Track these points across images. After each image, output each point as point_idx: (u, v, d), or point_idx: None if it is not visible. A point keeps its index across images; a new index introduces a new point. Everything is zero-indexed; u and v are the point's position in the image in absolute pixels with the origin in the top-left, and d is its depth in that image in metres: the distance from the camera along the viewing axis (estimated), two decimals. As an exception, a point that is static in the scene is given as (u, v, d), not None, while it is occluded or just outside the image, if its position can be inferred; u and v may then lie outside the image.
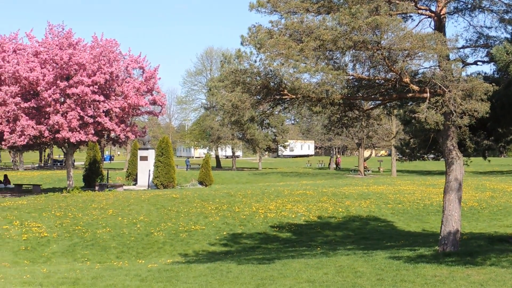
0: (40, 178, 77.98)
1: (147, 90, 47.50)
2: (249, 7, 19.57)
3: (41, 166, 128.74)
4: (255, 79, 19.52)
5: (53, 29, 46.05)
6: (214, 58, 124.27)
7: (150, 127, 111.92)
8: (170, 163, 49.84)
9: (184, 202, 37.67)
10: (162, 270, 20.25)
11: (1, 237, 31.16)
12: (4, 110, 43.99)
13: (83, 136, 44.00)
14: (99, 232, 31.58)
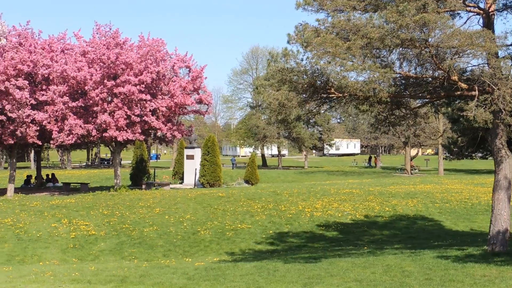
0: (88, 176, 78.68)
1: (194, 89, 47.59)
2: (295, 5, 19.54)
3: (89, 164, 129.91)
4: (301, 78, 19.48)
5: (100, 29, 46.37)
6: (260, 57, 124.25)
7: (196, 126, 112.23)
8: (216, 162, 49.94)
9: (230, 200, 37.74)
10: (209, 268, 20.29)
11: (50, 235, 31.50)
12: (52, 109, 44.43)
13: (130, 135, 44.25)
14: (146, 231, 31.77)
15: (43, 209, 37.60)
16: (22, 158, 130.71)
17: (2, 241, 30.74)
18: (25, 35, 47.77)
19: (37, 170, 61.66)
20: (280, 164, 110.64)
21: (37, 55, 45.23)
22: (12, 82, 43.29)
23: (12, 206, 39.86)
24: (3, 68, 43.09)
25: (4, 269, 23.96)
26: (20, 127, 44.38)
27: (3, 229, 32.69)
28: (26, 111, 43.96)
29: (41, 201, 41.85)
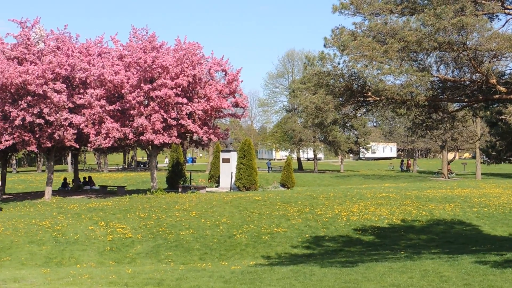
0: (124, 179, 79.12)
1: (230, 92, 47.63)
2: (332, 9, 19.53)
3: (125, 168, 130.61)
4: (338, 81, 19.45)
5: (137, 32, 46.60)
6: (296, 60, 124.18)
7: (232, 130, 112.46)
8: (252, 165, 49.92)
9: (266, 204, 37.72)
10: (245, 272, 20.27)
11: (87, 238, 31.71)
12: (90, 112, 44.73)
13: (167, 138, 44.39)
14: (183, 234, 31.84)
15: (81, 211, 37.91)
16: (59, 161, 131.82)
17: (40, 243, 31.01)
18: (63, 39, 48.15)
19: (74, 173, 62.11)
20: (316, 167, 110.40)
21: (75, 58, 45.55)
22: (50, 85, 43.69)
23: (50, 209, 40.25)
24: (41, 71, 43.49)
25: (42, 271, 24.16)
26: (58, 130, 44.75)
27: (41, 231, 32.99)
28: (63, 114, 44.32)
29: (79, 203, 42.19)
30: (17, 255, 29.46)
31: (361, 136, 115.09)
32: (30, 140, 45.33)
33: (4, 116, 44.87)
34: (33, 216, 37.59)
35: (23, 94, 44.23)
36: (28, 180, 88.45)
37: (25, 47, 46.54)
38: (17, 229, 33.84)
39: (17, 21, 47.64)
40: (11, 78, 42.92)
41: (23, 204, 45.88)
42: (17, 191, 67.43)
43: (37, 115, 44.04)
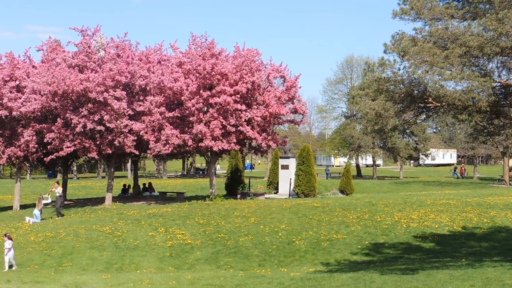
0: (183, 186, 79.52)
1: (288, 99, 47.51)
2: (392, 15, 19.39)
3: (184, 174, 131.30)
4: (398, 87, 19.30)
5: (196, 40, 46.77)
6: (355, 66, 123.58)
7: (291, 136, 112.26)
8: (311, 172, 49.74)
9: (325, 211, 37.56)
10: (304, 278, 20.22)
11: (147, 244, 31.94)
12: (149, 119, 45.07)
13: (226, 145, 44.46)
14: (242, 240, 31.88)
15: (140, 217, 38.21)
16: (119, 168, 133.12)
17: (101, 249, 31.34)
18: (122, 47, 48.65)
19: (134, 179, 62.62)
20: (375, 174, 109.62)
21: (135, 66, 45.96)
22: (110, 93, 44.15)
23: (110, 215, 40.66)
24: (102, 79, 43.98)
25: (103, 277, 24.42)
26: (118, 137, 45.19)
27: (102, 237, 33.33)
28: (124, 121, 44.74)
29: (138, 210, 42.55)
30: (78, 260, 29.82)
31: (420, 142, 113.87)
32: (91, 147, 45.85)
33: (65, 123, 45.44)
34: (94, 222, 38.02)
35: (84, 101, 44.77)
36: (89, 186, 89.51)
37: (86, 55, 47.14)
38: (78, 234, 34.26)
39: (78, 29, 48.31)
40: (72, 85, 43.49)
41: (84, 210, 46.45)
42: (78, 197, 68.25)
43: (97, 122, 44.53)
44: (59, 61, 47.14)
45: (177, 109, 45.11)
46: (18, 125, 50.14)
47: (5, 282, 23.68)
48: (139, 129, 44.99)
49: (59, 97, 45.24)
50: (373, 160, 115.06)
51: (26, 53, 54.12)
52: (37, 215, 42.69)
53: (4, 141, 49.31)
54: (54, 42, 53.97)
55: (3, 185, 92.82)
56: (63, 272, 27.88)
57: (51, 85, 44.51)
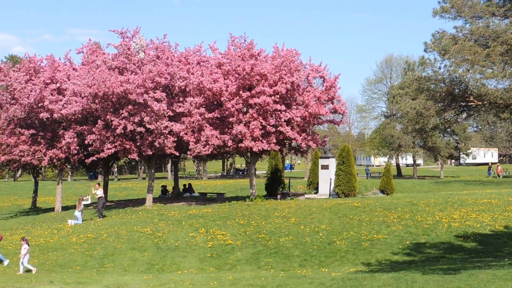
0: (223, 186, 79.70)
1: (328, 99, 47.33)
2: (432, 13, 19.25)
3: (224, 175, 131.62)
4: (439, 86, 19.17)
5: (235, 40, 46.77)
6: (394, 65, 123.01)
7: (330, 136, 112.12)
8: (351, 172, 49.50)
9: (366, 210, 37.39)
10: (346, 279, 20.15)
11: (188, 244, 32.07)
12: (189, 120, 45.21)
13: (265, 145, 44.42)
14: (282, 240, 31.86)
15: (181, 218, 38.38)
16: (159, 169, 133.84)
17: (142, 249, 31.53)
18: (162, 49, 48.92)
19: (175, 180, 62.88)
20: (415, 173, 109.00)
21: (174, 67, 46.17)
22: (150, 94, 44.39)
23: (151, 216, 40.87)
24: (142, 81, 44.22)
25: (144, 277, 24.56)
26: (158, 138, 45.41)
27: (143, 238, 33.54)
28: (164, 122, 44.96)
29: (179, 210, 42.71)
30: (120, 261, 30.04)
31: (461, 141, 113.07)
32: (131, 148, 46.14)
33: (106, 125, 45.79)
34: (134, 223, 38.28)
35: (124, 103, 45.07)
36: (129, 187, 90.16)
37: (125, 57, 47.45)
38: (120, 235, 34.52)
39: (117, 31, 48.65)
40: (112, 87, 43.80)
41: (125, 211, 46.75)
42: (118, 198, 68.78)
43: (138, 123, 44.80)
44: (99, 63, 47.53)
45: (216, 110, 45.18)
46: (59, 127, 50.75)
47: (48, 283, 23.91)
48: (179, 130, 45.16)
49: (100, 99, 45.60)
50: (414, 159, 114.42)
51: (67, 56, 54.80)
52: (78, 217, 43.10)
53: (46, 143, 49.89)
54: (94, 45, 54.42)
55: (45, 187, 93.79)
56: (105, 273, 28.10)
57: (91, 87, 44.89)
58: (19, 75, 49.88)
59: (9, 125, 50.65)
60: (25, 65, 51.56)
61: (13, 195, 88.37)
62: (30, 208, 67.65)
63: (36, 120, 50.65)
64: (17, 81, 49.37)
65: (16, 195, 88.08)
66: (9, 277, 26.76)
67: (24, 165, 55.66)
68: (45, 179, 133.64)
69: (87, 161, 48.74)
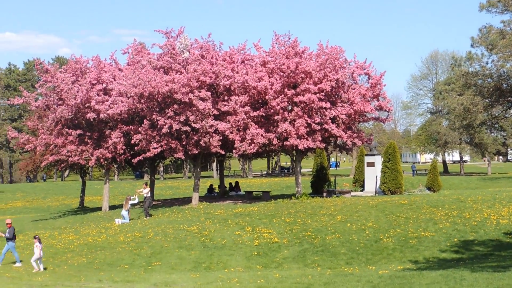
0: (269, 185, 79.77)
1: (373, 96, 47.02)
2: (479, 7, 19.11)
3: (269, 173, 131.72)
4: (487, 81, 19.03)
5: (279, 38, 46.69)
6: (440, 61, 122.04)
7: (376, 133, 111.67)
8: (397, 169, 49.18)
9: (412, 208, 37.10)
10: (393, 276, 20.04)
11: (234, 243, 32.14)
12: (234, 119, 45.27)
13: (311, 143, 44.32)
14: (328, 238, 31.77)
15: (227, 217, 38.46)
16: (205, 168, 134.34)
17: (189, 248, 31.67)
18: (206, 48, 49.03)
19: (220, 179, 63.06)
20: (462, 170, 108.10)
21: (219, 66, 46.25)
22: (195, 93, 44.52)
23: (197, 215, 41.04)
24: (187, 80, 44.38)
25: (192, 276, 24.67)
26: (204, 137, 45.53)
27: (190, 236, 33.68)
28: (209, 121, 45.07)
29: (225, 209, 42.80)
30: (167, 259, 30.21)
31: (509, 137, 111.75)
32: (177, 148, 46.33)
33: (152, 125, 46.05)
34: (181, 222, 38.44)
35: (170, 102, 45.28)
36: (175, 186, 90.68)
37: (170, 57, 47.66)
38: (167, 234, 34.70)
39: (162, 31, 48.89)
40: (158, 87, 44.03)
41: (172, 210, 46.96)
42: (165, 197, 69.24)
43: (183, 122, 44.95)
44: (144, 63, 47.80)
45: (261, 108, 45.20)
46: (105, 127, 51.20)
47: (96, 281, 24.14)
48: (224, 129, 45.26)
49: (145, 98, 45.88)
50: (460, 156, 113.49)
51: (112, 56, 55.27)
52: (125, 216, 43.42)
53: (92, 143, 50.35)
54: (139, 45, 54.75)
55: (92, 186, 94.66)
56: (153, 271, 28.27)
57: (137, 87, 45.17)
58: (65, 76, 50.45)
59: (57, 125, 51.22)
60: (72, 66, 52.10)
61: (61, 195, 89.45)
62: (78, 207, 68.46)
63: (83, 121, 51.17)
64: (64, 82, 49.93)
65: (64, 195, 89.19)
66: (58, 276, 27.06)
67: (71, 165, 56.23)
68: (92, 179, 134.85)
69: (134, 160, 49.09)
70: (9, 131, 54.27)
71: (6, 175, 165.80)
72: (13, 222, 55.09)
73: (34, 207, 79.04)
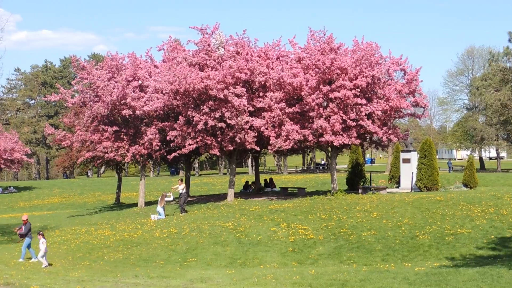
0: (304, 181, 79.66)
1: (409, 92, 46.78)
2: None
3: (304, 169, 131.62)
4: (525, 77, 18.84)
5: (314, 35, 46.57)
6: (476, 57, 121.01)
7: (411, 129, 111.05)
8: (433, 165, 48.93)
9: (448, 204, 36.86)
10: (430, 273, 19.95)
11: (270, 239, 32.18)
12: (269, 115, 45.29)
13: (346, 139, 44.18)
14: (364, 235, 31.69)
15: (262, 213, 38.48)
16: (240, 164, 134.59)
17: (224, 244, 31.78)
18: (241, 44, 49.04)
19: (255, 175, 63.10)
20: (499, 166, 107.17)
21: (254, 63, 46.25)
22: (230, 90, 44.58)
23: (232, 211, 41.10)
24: (222, 76, 44.46)
25: (227, 272, 24.75)
26: (239, 133, 45.59)
27: (225, 233, 33.79)
28: (244, 117, 45.11)
29: (260, 205, 42.82)
30: (202, 256, 30.34)
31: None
32: (212, 144, 46.43)
33: (187, 121, 46.19)
34: (216, 218, 38.57)
35: (205, 99, 45.39)
36: (210, 183, 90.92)
37: (205, 53, 47.72)
38: (202, 230, 34.84)
39: (197, 28, 48.96)
40: (193, 83, 44.14)
41: (207, 206, 47.10)
42: (200, 193, 69.48)
43: (218, 119, 45.05)
44: (179, 60, 47.91)
45: (297, 105, 45.18)
46: (141, 123, 51.53)
47: (133, 277, 24.28)
48: (259, 125, 45.29)
49: (181, 95, 46.04)
50: (497, 152, 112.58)
51: (148, 53, 55.61)
52: (160, 212, 43.65)
53: (128, 140, 50.69)
54: (174, 42, 54.99)
55: (128, 182, 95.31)
56: (188, 267, 28.40)
57: (172, 84, 45.33)
58: (102, 73, 50.87)
59: (93, 122, 51.67)
60: (108, 63, 52.52)
61: (97, 191, 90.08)
62: (114, 203, 68.96)
63: (119, 117, 51.55)
64: (100, 79, 50.35)
65: (100, 191, 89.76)
66: (94, 271, 27.28)
67: (107, 161, 56.67)
68: (128, 175, 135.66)
69: (169, 157, 49.35)
70: (46, 127, 54.89)
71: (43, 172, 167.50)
72: (50, 217, 56.00)
73: (71, 203, 79.74)
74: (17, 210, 75.08)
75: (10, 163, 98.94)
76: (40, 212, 68.97)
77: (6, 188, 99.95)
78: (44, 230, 41.75)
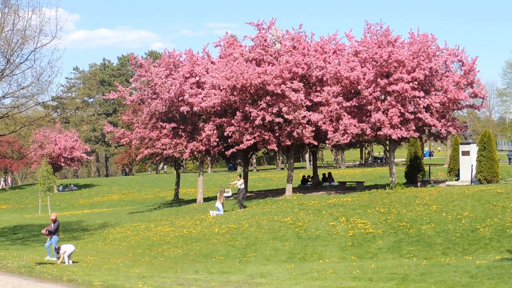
0: (362, 175, 79.33)
1: (467, 83, 46.27)
2: None
3: (362, 163, 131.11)
4: None
5: (371, 28, 46.34)
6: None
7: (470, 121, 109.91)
8: (493, 157, 48.37)
9: (509, 197, 36.37)
10: (491, 266, 19.77)
11: (329, 233, 32.19)
12: (327, 110, 45.19)
13: (404, 132, 43.90)
14: (424, 228, 31.50)
15: (321, 208, 38.48)
16: (298, 159, 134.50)
17: (283, 239, 31.88)
18: (298, 39, 49.00)
19: (314, 169, 63.04)
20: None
21: (311, 57, 46.21)
22: (287, 85, 44.61)
23: (291, 206, 41.15)
24: (279, 71, 44.49)
25: (287, 267, 24.81)
26: (297, 128, 45.62)
27: (284, 227, 33.88)
28: (302, 112, 45.11)
29: (319, 200, 42.79)
30: (261, 251, 30.47)
31: None
32: (270, 139, 46.50)
33: (244, 117, 46.32)
34: (275, 213, 38.67)
35: (262, 94, 45.46)
36: (268, 178, 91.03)
37: (262, 49, 47.77)
38: (261, 225, 34.98)
39: (253, 23, 49.03)
40: (250, 79, 44.26)
41: (265, 201, 47.22)
42: (258, 189, 69.61)
43: (276, 114, 45.10)
44: (236, 55, 48.03)
45: (354, 98, 45.04)
46: (199, 120, 51.86)
47: (193, 272, 24.49)
48: (317, 119, 45.26)
49: (238, 91, 46.17)
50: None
51: (205, 50, 55.90)
52: (219, 208, 43.92)
53: (186, 136, 51.03)
54: (231, 38, 55.07)
55: (186, 179, 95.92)
56: (247, 262, 28.55)
57: (229, 80, 45.50)
58: (159, 70, 51.33)
59: (151, 119, 52.18)
60: (165, 60, 52.96)
61: (156, 188, 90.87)
62: (173, 199, 69.47)
63: (176, 114, 51.93)
64: (158, 76, 50.79)
65: (159, 188, 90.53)
66: (155, 267, 27.57)
67: (166, 158, 57.09)
68: (186, 171, 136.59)
69: (227, 152, 49.50)
70: (105, 125, 55.62)
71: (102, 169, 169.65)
72: (110, 214, 56.62)
73: (130, 199, 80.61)
74: (78, 208, 76.24)
75: (70, 161, 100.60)
76: (100, 209, 69.89)
77: (66, 186, 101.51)
78: (105, 227, 42.31)
